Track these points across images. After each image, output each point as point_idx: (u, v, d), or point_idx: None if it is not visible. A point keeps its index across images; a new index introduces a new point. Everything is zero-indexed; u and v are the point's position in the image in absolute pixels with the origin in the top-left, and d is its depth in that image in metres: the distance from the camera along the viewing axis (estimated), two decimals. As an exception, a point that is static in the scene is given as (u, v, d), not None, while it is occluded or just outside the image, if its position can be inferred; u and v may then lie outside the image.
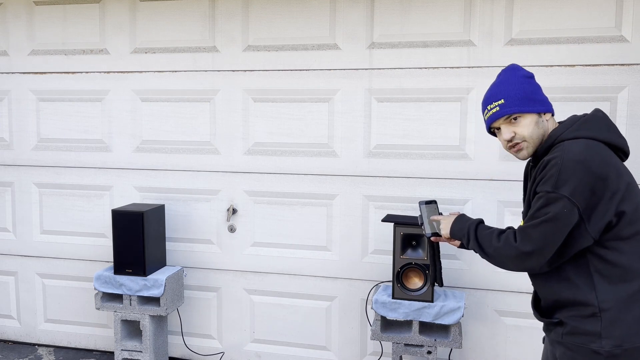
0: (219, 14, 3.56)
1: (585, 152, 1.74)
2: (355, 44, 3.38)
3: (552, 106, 1.95)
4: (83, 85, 3.81)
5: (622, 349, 1.75)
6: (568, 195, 1.71)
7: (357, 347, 3.56)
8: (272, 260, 3.64)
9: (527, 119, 1.89)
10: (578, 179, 1.71)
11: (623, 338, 1.76)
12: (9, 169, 4.00)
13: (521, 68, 1.97)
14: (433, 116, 3.32)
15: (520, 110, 1.89)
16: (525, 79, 1.93)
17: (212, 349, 3.80)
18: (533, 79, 1.95)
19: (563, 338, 1.85)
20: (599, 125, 1.84)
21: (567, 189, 1.72)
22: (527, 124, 1.89)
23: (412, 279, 3.09)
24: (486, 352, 3.39)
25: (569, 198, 1.71)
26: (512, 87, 1.91)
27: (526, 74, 1.95)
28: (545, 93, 3.06)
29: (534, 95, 1.91)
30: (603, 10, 3.05)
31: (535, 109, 1.90)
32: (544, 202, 1.76)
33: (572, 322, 1.83)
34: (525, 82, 1.92)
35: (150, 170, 3.77)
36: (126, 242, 3.44)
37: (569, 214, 1.73)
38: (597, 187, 1.72)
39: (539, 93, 1.92)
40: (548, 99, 1.95)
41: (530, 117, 1.89)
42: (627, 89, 3.05)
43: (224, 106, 3.61)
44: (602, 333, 1.77)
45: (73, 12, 3.77)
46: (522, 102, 1.89)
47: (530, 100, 1.90)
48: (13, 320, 4.14)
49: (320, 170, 3.51)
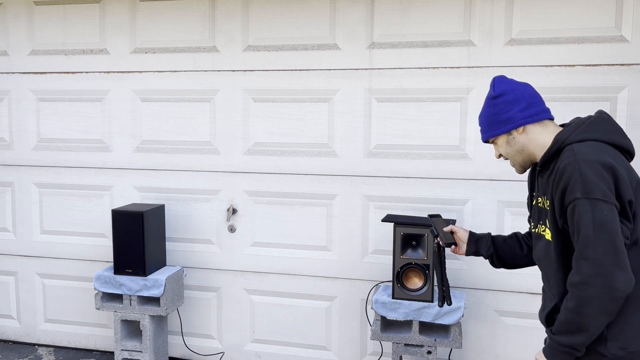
0: (219, 14, 3.56)
1: (596, 151, 1.73)
2: (355, 44, 3.38)
3: (530, 117, 1.88)
4: (83, 85, 3.81)
5: (627, 352, 1.75)
6: (602, 198, 1.67)
7: (357, 347, 3.56)
8: (272, 260, 3.64)
9: (499, 140, 1.94)
10: (601, 178, 1.69)
11: (628, 341, 1.75)
12: (9, 169, 4.00)
13: (495, 85, 1.94)
14: (433, 116, 3.32)
15: (487, 137, 1.96)
16: (489, 100, 1.94)
17: (212, 349, 3.80)
18: (500, 97, 1.91)
19: None
20: (604, 127, 1.82)
21: (598, 191, 1.67)
22: (501, 145, 1.95)
23: (412, 279, 3.09)
24: (486, 352, 3.39)
25: (603, 200, 1.67)
26: (482, 113, 1.98)
27: (491, 94, 1.93)
28: (545, 93, 3.09)
29: (496, 117, 1.91)
30: (603, 10, 3.05)
31: (499, 132, 1.91)
32: (581, 212, 1.69)
33: None
34: (489, 106, 1.94)
35: (150, 170, 3.77)
36: (126, 242, 3.44)
37: (611, 214, 1.68)
38: (617, 185, 1.70)
39: (504, 112, 1.90)
40: (521, 111, 1.88)
41: (501, 139, 1.93)
42: (627, 89, 3.05)
43: (224, 106, 3.61)
44: (607, 336, 1.76)
45: (73, 12, 3.77)
46: (488, 128, 1.95)
47: (492, 123, 1.92)
48: (13, 320, 4.14)
49: (320, 170, 3.51)
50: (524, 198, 3.20)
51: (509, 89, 1.92)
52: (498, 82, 1.95)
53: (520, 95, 1.91)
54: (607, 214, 1.67)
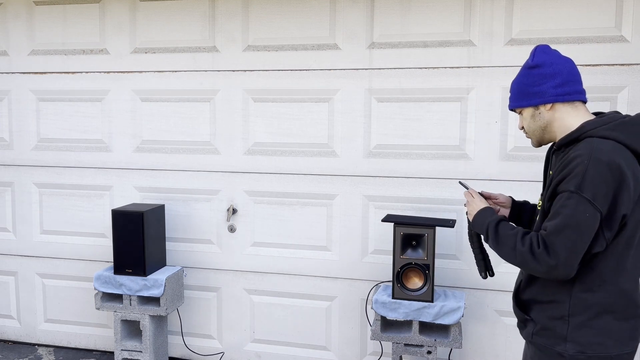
0: (219, 14, 3.56)
1: (612, 154, 1.68)
2: (355, 44, 3.38)
3: (561, 95, 1.82)
4: (83, 85, 3.81)
5: (585, 356, 1.75)
6: (591, 199, 1.66)
7: (357, 347, 3.56)
8: (272, 260, 3.64)
9: (525, 112, 1.89)
10: (603, 182, 1.66)
11: (587, 345, 1.75)
12: (9, 169, 4.00)
13: (536, 54, 1.87)
14: (433, 116, 3.32)
15: (514, 106, 1.91)
16: (525, 70, 1.87)
17: (212, 349, 3.80)
18: (537, 68, 1.84)
19: (533, 338, 1.87)
20: (633, 130, 1.75)
21: (591, 192, 1.66)
22: (525, 118, 1.90)
23: (412, 279, 3.09)
24: (486, 352, 3.39)
25: (591, 202, 1.66)
26: (515, 80, 1.91)
27: (530, 64, 1.86)
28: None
29: (527, 88, 1.85)
30: (603, 10, 3.05)
31: (525, 103, 1.86)
32: (566, 203, 1.70)
33: (542, 322, 1.83)
34: (524, 75, 1.87)
35: (150, 170, 3.77)
36: (126, 242, 3.44)
37: (592, 219, 1.67)
38: (617, 193, 1.67)
39: (537, 84, 1.83)
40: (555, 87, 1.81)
41: (527, 110, 1.88)
42: (627, 89, 3.05)
43: (224, 106, 3.61)
44: (567, 337, 1.77)
45: (73, 12, 3.77)
46: (517, 97, 1.89)
47: (522, 94, 1.86)
48: (13, 320, 4.14)
49: (320, 170, 3.51)
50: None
51: (548, 61, 1.84)
52: (539, 51, 1.87)
53: (558, 70, 1.82)
54: (588, 217, 1.67)
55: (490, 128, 3.24)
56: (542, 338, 1.83)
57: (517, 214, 2.15)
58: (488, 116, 3.24)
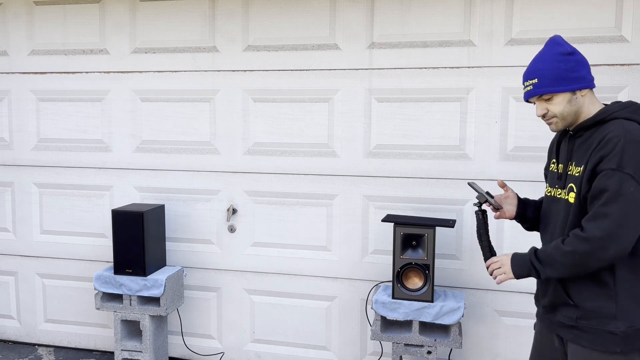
0: (219, 14, 3.56)
1: None
2: (355, 44, 3.38)
3: (593, 81, 1.94)
4: (83, 85, 3.81)
5: (634, 329, 1.83)
6: (632, 174, 1.74)
7: (357, 347, 3.56)
8: (272, 261, 3.64)
9: (560, 97, 1.92)
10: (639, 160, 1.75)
11: (636, 319, 1.84)
12: (9, 169, 4.00)
13: (561, 44, 1.94)
14: (433, 116, 3.32)
15: (551, 91, 1.92)
16: (561, 56, 1.92)
17: (212, 349, 3.80)
18: (572, 55, 1.92)
19: (577, 322, 1.91)
20: None
21: (632, 168, 1.74)
22: (559, 102, 1.92)
23: (412, 279, 3.09)
24: (486, 352, 3.39)
25: (633, 177, 1.74)
26: (546, 66, 1.93)
27: (564, 50, 1.92)
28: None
29: (568, 73, 1.90)
30: (603, 10, 3.05)
31: (568, 88, 1.90)
32: (609, 180, 1.77)
33: (588, 305, 1.88)
34: (560, 61, 1.91)
35: (150, 170, 3.77)
36: (126, 242, 3.44)
37: (637, 192, 1.75)
38: None
39: (576, 70, 1.90)
40: (588, 74, 1.92)
41: (563, 95, 1.91)
42: (627, 89, 3.05)
43: (224, 106, 3.61)
44: (617, 315, 1.84)
45: (73, 12, 3.77)
46: (554, 82, 1.91)
47: (563, 79, 1.90)
48: (13, 320, 4.14)
49: (320, 170, 3.51)
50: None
51: (576, 50, 1.94)
52: (563, 40, 1.95)
53: (585, 59, 1.95)
54: (633, 190, 1.74)
55: (490, 128, 3.24)
56: (590, 320, 1.88)
57: (523, 207, 2.23)
58: (488, 116, 3.24)
